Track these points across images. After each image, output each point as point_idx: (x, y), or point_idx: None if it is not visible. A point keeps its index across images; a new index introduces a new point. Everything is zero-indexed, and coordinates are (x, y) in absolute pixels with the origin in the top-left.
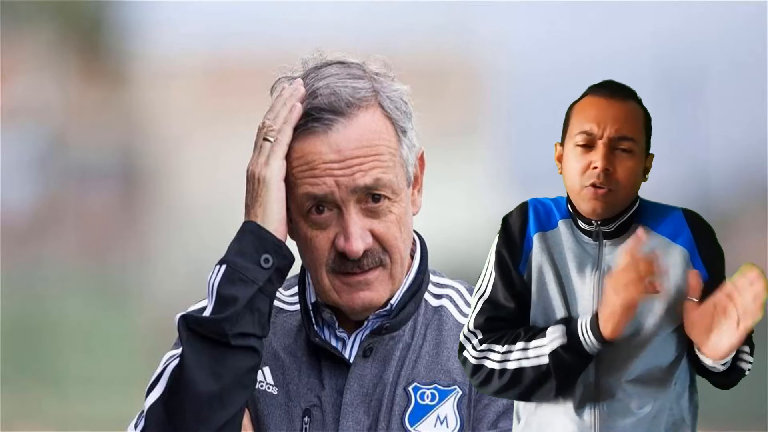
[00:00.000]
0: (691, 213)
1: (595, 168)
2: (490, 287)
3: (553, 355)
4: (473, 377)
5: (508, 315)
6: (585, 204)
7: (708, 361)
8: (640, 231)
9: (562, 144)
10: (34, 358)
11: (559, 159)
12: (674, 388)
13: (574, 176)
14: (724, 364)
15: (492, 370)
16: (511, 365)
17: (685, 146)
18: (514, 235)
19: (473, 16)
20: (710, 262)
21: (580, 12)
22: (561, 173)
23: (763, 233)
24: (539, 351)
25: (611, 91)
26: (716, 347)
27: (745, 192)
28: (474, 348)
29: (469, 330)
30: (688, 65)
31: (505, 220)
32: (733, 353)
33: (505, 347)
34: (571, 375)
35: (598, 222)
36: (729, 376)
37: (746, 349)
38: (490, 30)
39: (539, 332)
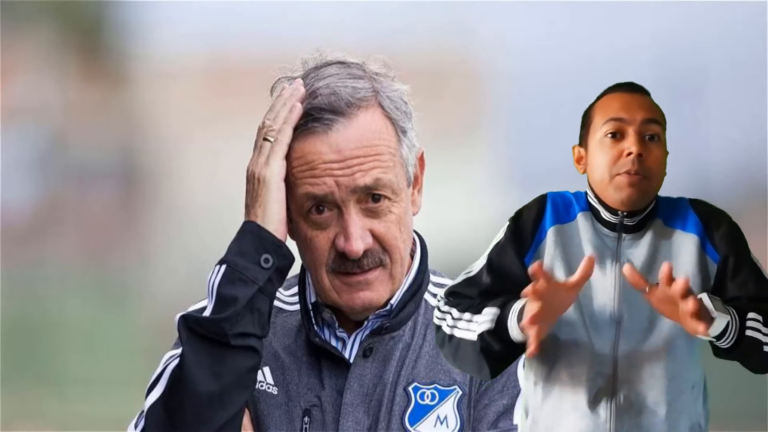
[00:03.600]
0: (697, 200)
1: (629, 154)
2: (477, 269)
3: (480, 337)
4: (436, 339)
5: (475, 294)
6: (618, 193)
7: (702, 337)
8: None
9: (581, 145)
10: (34, 358)
11: (579, 161)
12: (692, 391)
13: (604, 167)
14: (724, 340)
15: (444, 334)
16: (456, 333)
17: (685, 146)
18: (526, 226)
19: (473, 16)
20: (720, 243)
21: (580, 12)
22: (583, 172)
23: (763, 233)
24: (474, 327)
25: (631, 87)
26: (686, 325)
27: (745, 192)
28: (439, 309)
29: (440, 295)
30: (688, 65)
31: (520, 210)
32: (714, 320)
33: (459, 314)
34: (500, 360)
35: (624, 213)
36: (746, 354)
37: (754, 316)
38: (490, 30)
39: (487, 306)
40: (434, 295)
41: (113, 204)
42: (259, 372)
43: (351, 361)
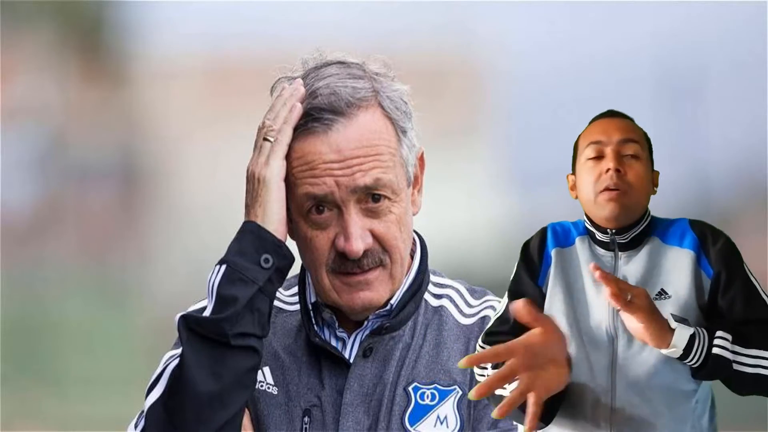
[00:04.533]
0: (696, 221)
1: (608, 171)
2: (503, 308)
3: None
4: None
5: (508, 329)
6: (602, 210)
7: (666, 353)
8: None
9: (573, 173)
10: (34, 358)
11: (572, 188)
12: (695, 406)
13: (588, 187)
14: (691, 358)
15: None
16: (496, 391)
17: (685, 146)
18: (533, 255)
19: (473, 16)
20: (715, 259)
21: (580, 12)
22: (576, 198)
23: (763, 233)
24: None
25: (612, 114)
26: (646, 339)
27: (745, 192)
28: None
29: (479, 345)
30: (688, 65)
31: (525, 243)
32: (674, 334)
33: (492, 371)
34: (545, 411)
35: (613, 231)
36: (716, 373)
37: (722, 334)
38: (490, 30)
39: None
40: (434, 295)
41: (113, 204)
42: (259, 372)
43: (351, 361)
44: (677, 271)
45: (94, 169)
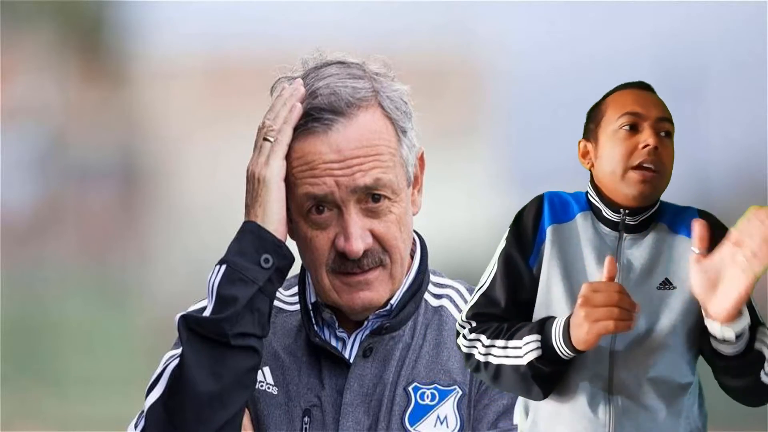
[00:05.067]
0: (705, 212)
1: (646, 146)
2: (489, 281)
3: (530, 366)
4: (467, 364)
5: (499, 311)
6: (630, 188)
7: (716, 329)
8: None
9: (588, 139)
10: (34, 358)
11: (584, 155)
12: (688, 396)
13: (618, 159)
14: (737, 339)
15: (478, 362)
16: (493, 360)
17: (685, 146)
18: (527, 228)
19: (473, 16)
20: None
21: (580, 12)
22: (590, 167)
23: None
24: (516, 353)
25: (644, 86)
26: (722, 303)
27: (745, 192)
28: (465, 337)
29: (462, 319)
30: (688, 65)
31: (519, 213)
32: (742, 316)
33: (489, 341)
34: (552, 379)
35: (626, 211)
36: (749, 366)
37: (765, 330)
38: (490, 30)
39: (519, 330)
40: (434, 295)
41: (113, 204)
42: (259, 372)
43: (351, 361)
44: (683, 260)
45: (94, 169)
